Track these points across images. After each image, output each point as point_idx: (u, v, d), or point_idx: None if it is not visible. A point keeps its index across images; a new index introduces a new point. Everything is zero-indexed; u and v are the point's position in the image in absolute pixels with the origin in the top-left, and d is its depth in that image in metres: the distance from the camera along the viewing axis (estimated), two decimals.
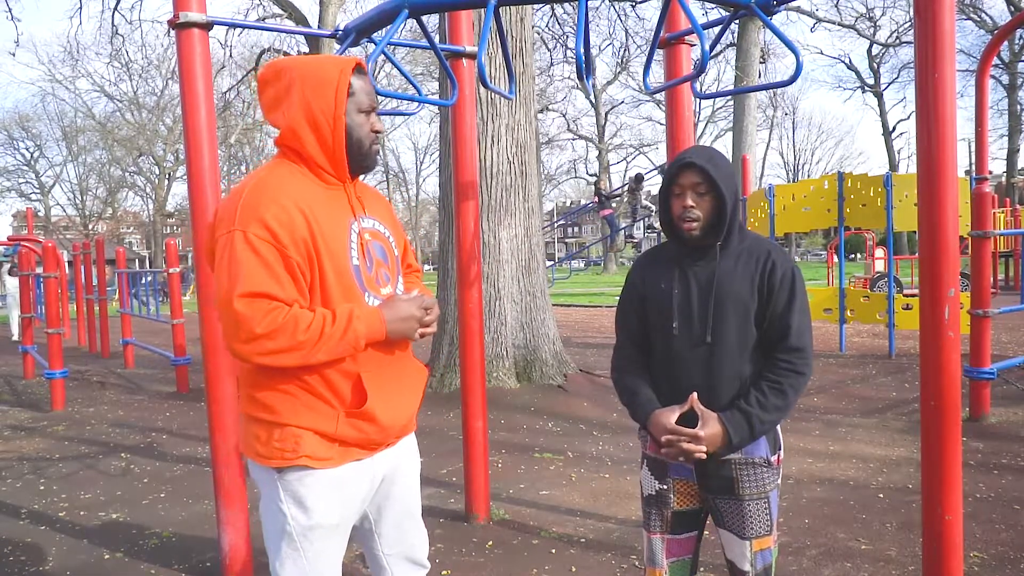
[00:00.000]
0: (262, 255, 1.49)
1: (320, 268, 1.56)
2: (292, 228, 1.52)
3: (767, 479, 1.84)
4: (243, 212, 1.52)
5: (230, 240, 1.51)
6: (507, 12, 6.21)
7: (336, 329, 1.52)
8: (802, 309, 1.81)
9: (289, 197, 1.55)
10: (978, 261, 5.17)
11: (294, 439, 1.58)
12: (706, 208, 1.79)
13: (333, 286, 1.57)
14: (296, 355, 1.50)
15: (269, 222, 1.50)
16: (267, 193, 1.55)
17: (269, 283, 1.49)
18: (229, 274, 1.49)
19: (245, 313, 1.46)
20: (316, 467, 1.59)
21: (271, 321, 1.47)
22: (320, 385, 1.58)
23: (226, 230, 1.53)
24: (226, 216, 1.55)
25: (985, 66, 5.10)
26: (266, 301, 1.48)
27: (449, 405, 5.86)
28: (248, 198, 1.54)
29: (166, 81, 35.30)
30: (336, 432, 1.60)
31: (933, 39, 2.02)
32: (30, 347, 8.78)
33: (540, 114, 34.22)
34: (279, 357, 1.50)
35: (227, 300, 1.48)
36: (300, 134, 1.60)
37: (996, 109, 30.18)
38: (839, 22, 25.74)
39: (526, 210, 6.56)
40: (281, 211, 1.52)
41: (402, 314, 1.63)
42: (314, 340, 1.50)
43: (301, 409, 1.58)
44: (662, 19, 2.59)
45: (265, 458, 1.60)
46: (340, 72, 1.60)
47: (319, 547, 1.64)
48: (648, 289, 1.92)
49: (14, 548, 3.48)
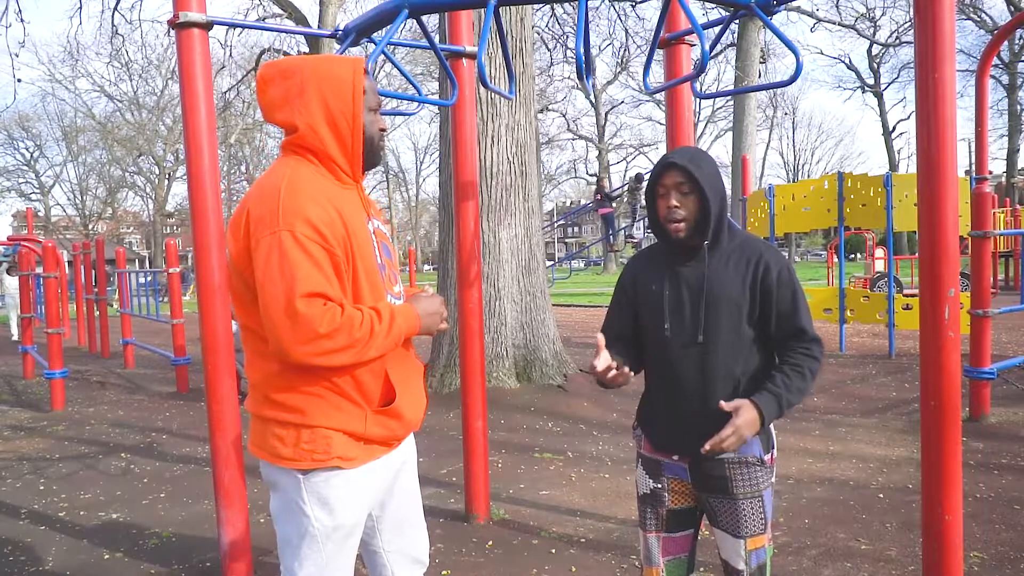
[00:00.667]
0: (313, 255, 1.48)
1: (354, 266, 1.57)
2: (333, 226, 1.52)
3: (761, 478, 1.84)
4: (286, 212, 1.49)
5: (277, 241, 1.47)
6: (507, 12, 6.21)
7: (383, 326, 1.54)
8: (805, 304, 1.84)
9: (323, 195, 1.55)
10: (978, 261, 5.17)
11: (325, 441, 1.57)
12: (691, 208, 1.80)
13: (364, 285, 1.59)
14: (351, 353, 1.50)
15: (314, 221, 1.49)
16: (304, 192, 1.53)
17: (323, 283, 1.48)
18: (283, 275, 1.46)
19: (307, 314, 1.44)
20: (345, 467, 1.60)
21: (331, 320, 1.46)
22: (348, 385, 1.58)
23: (270, 231, 1.48)
24: (266, 217, 1.50)
25: (985, 66, 5.10)
26: (322, 301, 1.47)
27: (449, 405, 5.85)
28: (288, 198, 1.51)
29: (166, 81, 35.31)
30: (365, 431, 1.60)
31: (933, 39, 2.02)
32: (30, 347, 8.78)
33: (540, 114, 34.26)
34: (336, 356, 1.49)
35: (288, 302, 1.44)
36: (320, 133, 1.59)
37: (996, 109, 30.19)
38: (839, 22, 25.72)
39: (526, 210, 6.56)
40: (321, 210, 1.52)
41: (431, 309, 1.68)
42: (366, 338, 1.51)
43: (330, 410, 1.58)
44: (662, 19, 2.59)
45: (291, 460, 1.59)
46: (354, 72, 1.61)
47: (339, 547, 1.64)
48: (639, 291, 1.93)
49: (14, 548, 3.48)
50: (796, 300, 1.81)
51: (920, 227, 2.12)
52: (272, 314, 1.47)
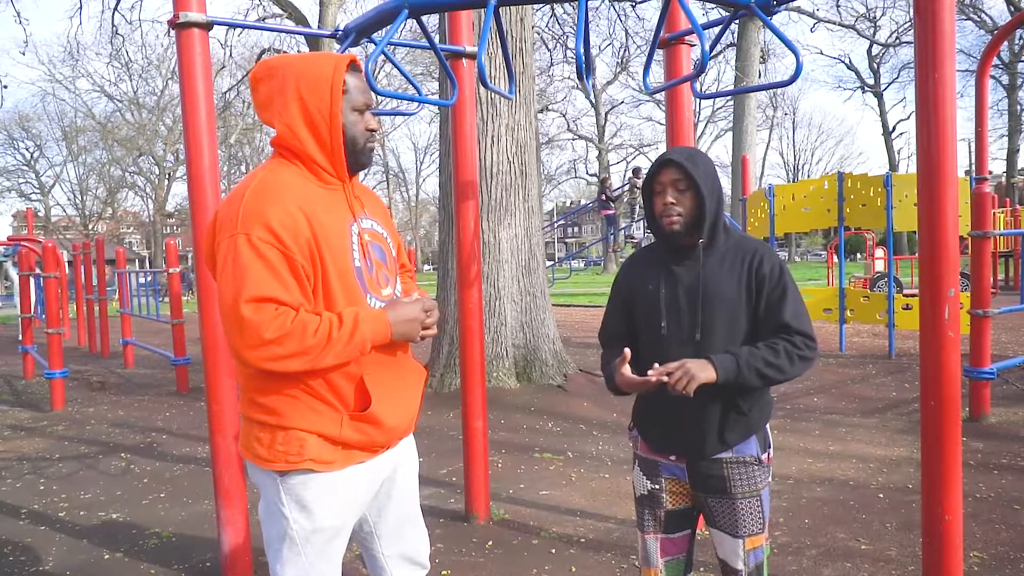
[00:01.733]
0: (267, 259, 1.46)
1: (323, 270, 1.54)
2: (295, 230, 1.50)
3: (758, 477, 1.85)
4: (245, 215, 1.49)
5: (233, 244, 1.48)
6: (507, 12, 6.21)
7: (343, 333, 1.50)
8: (795, 299, 1.82)
9: (291, 199, 1.53)
10: (978, 261, 5.17)
11: (298, 443, 1.56)
12: (687, 204, 1.82)
13: (336, 288, 1.56)
14: (304, 360, 1.48)
15: (273, 225, 1.48)
16: (269, 195, 1.52)
17: (275, 287, 1.46)
18: (234, 279, 1.46)
19: (252, 318, 1.44)
20: (320, 470, 1.58)
21: (279, 326, 1.45)
22: (323, 388, 1.56)
23: (228, 234, 1.49)
24: (228, 219, 1.51)
25: (985, 66, 5.10)
26: (273, 306, 1.46)
27: (449, 405, 5.85)
28: (250, 201, 1.50)
29: (166, 81, 35.31)
30: (340, 435, 1.58)
31: (933, 39, 2.02)
32: (30, 347, 8.78)
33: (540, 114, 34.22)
34: (287, 362, 1.47)
35: (233, 305, 1.44)
36: (298, 133, 1.58)
37: (996, 109, 30.19)
38: (839, 22, 25.73)
39: (526, 210, 6.56)
40: (284, 213, 1.50)
41: (406, 316, 1.62)
42: (322, 344, 1.48)
43: (305, 412, 1.56)
44: (662, 19, 2.59)
45: (267, 461, 1.59)
46: (335, 69, 1.58)
47: (321, 550, 1.63)
48: (636, 291, 1.95)
49: (14, 548, 3.48)
50: (786, 296, 1.80)
51: (920, 227, 2.12)
52: (223, 317, 1.49)
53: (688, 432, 1.85)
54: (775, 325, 1.81)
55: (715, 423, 1.82)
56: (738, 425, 1.83)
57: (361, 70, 1.68)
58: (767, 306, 1.81)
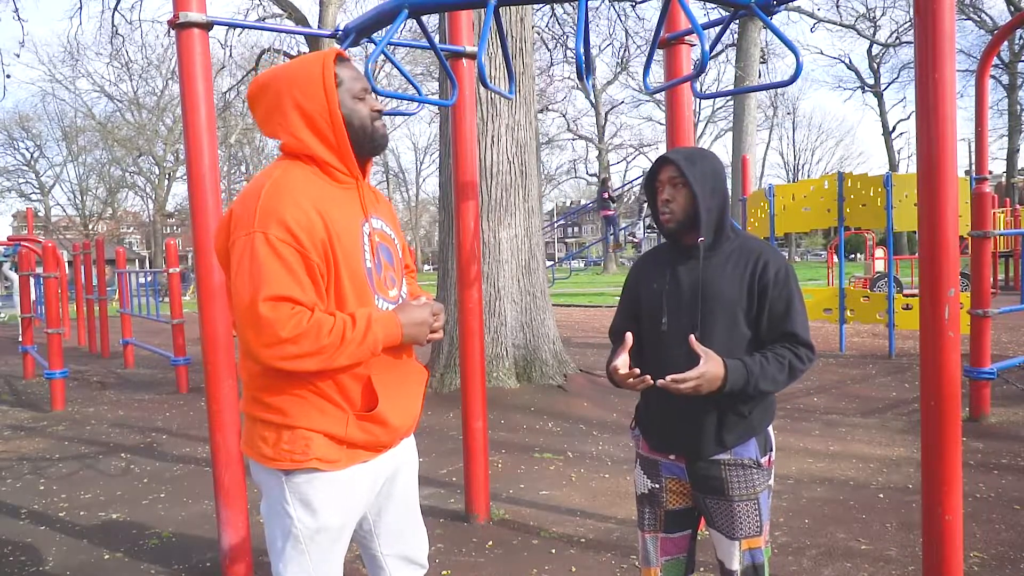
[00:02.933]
0: (284, 258, 1.46)
1: (336, 271, 1.54)
2: (311, 230, 1.50)
3: (757, 480, 1.85)
4: (262, 214, 1.49)
5: (250, 242, 1.47)
6: (507, 12, 6.21)
7: (357, 333, 1.51)
8: (801, 309, 1.83)
9: (306, 198, 1.53)
10: (978, 261, 5.17)
11: (304, 442, 1.56)
12: (680, 202, 1.84)
13: (348, 289, 1.56)
14: (318, 359, 1.48)
15: (289, 224, 1.48)
16: (285, 194, 1.52)
17: (292, 286, 1.46)
18: (251, 277, 1.45)
19: (270, 317, 1.43)
20: (325, 470, 1.58)
21: (295, 325, 1.45)
22: (330, 388, 1.57)
23: (245, 232, 1.49)
24: (244, 218, 1.51)
25: (985, 66, 5.10)
26: (289, 305, 1.46)
27: (449, 405, 5.85)
28: (267, 199, 1.51)
29: (166, 81, 35.32)
30: (346, 435, 1.59)
31: (933, 39, 2.02)
32: (30, 347, 8.78)
33: (540, 114, 34.25)
34: (301, 362, 1.47)
35: (251, 304, 1.44)
36: (303, 139, 1.59)
37: (996, 109, 30.17)
38: (839, 22, 25.73)
39: (526, 210, 6.56)
40: (300, 213, 1.50)
41: (417, 319, 1.63)
42: (336, 344, 1.48)
43: (311, 412, 1.57)
44: (662, 19, 2.59)
45: (272, 460, 1.59)
46: (323, 67, 1.58)
47: (324, 549, 1.63)
48: (642, 290, 1.97)
49: (14, 548, 3.48)
50: (791, 303, 1.81)
51: (920, 227, 2.12)
52: (238, 315, 1.48)
53: (687, 432, 1.85)
54: (782, 332, 1.81)
55: (714, 424, 1.82)
56: (737, 427, 1.83)
57: (349, 60, 1.68)
58: (771, 311, 1.81)
